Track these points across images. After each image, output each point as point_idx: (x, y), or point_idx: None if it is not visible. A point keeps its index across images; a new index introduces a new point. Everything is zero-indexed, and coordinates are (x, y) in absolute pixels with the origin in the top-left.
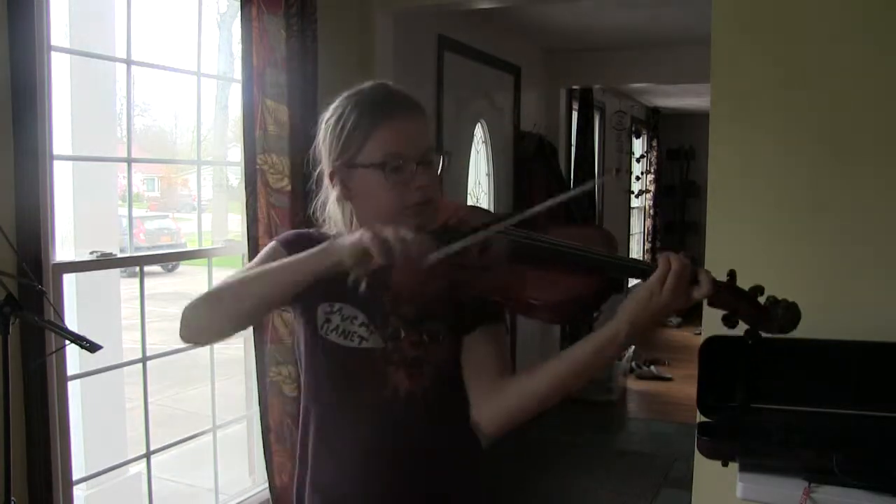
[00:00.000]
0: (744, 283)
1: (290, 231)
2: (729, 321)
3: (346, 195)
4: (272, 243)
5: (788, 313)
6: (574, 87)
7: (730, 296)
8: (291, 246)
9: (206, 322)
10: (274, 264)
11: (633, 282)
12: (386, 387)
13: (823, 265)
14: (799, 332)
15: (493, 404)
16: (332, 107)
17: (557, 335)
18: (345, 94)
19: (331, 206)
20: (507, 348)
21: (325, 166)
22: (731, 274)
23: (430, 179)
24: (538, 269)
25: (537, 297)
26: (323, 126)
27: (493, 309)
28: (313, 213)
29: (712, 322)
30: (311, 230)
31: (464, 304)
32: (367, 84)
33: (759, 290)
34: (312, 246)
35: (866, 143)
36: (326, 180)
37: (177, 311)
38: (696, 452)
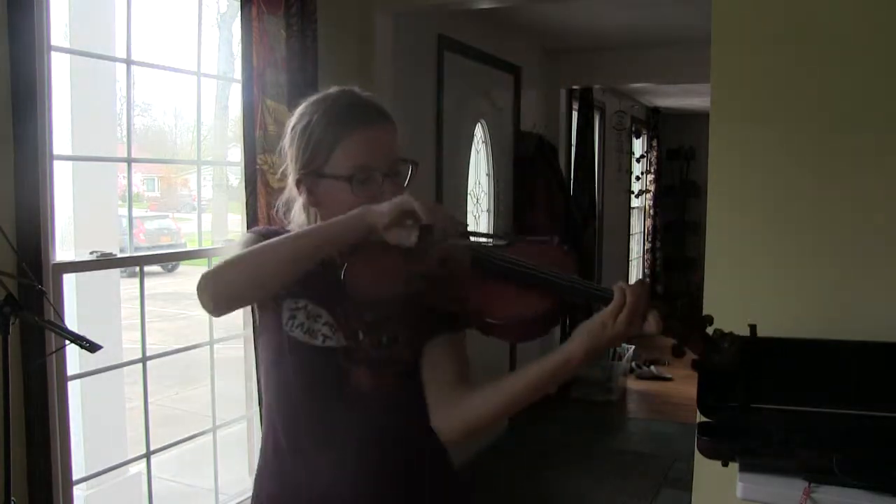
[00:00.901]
0: (744, 282)
1: (261, 227)
2: (677, 351)
3: (312, 202)
4: (248, 234)
5: (733, 347)
6: (574, 87)
7: (681, 327)
8: (268, 238)
9: (223, 286)
10: (300, 231)
11: None
12: (348, 385)
13: (823, 265)
14: (799, 332)
15: (452, 413)
16: (298, 112)
17: (557, 337)
18: (311, 99)
19: (296, 210)
20: (466, 355)
21: (290, 170)
22: (686, 302)
23: (397, 191)
24: (497, 285)
25: (494, 315)
26: (290, 131)
27: (454, 316)
28: (276, 211)
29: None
30: (278, 229)
31: (425, 310)
32: (335, 90)
33: (708, 319)
34: None
35: (867, 142)
36: (291, 184)
37: (177, 311)
38: (696, 452)
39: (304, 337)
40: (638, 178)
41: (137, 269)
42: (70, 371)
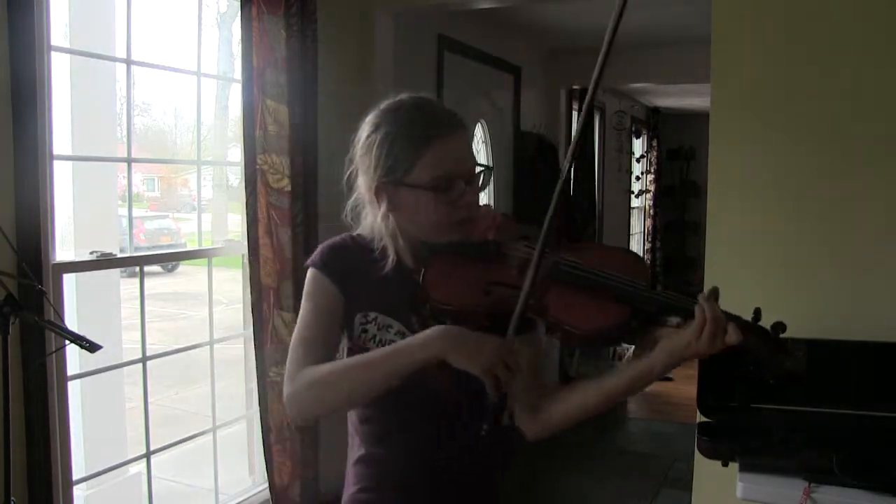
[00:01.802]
0: (744, 283)
1: (323, 247)
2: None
3: (392, 209)
4: (313, 273)
5: (803, 354)
6: (574, 87)
7: (757, 339)
8: (330, 269)
9: (308, 411)
10: (375, 358)
11: None
12: (426, 391)
13: (823, 265)
14: (799, 332)
15: (533, 416)
16: (370, 121)
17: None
18: (384, 107)
19: (371, 216)
20: (544, 355)
21: (362, 177)
22: (757, 312)
23: (475, 196)
24: (576, 295)
25: (573, 325)
26: (365, 140)
27: (532, 320)
28: (345, 216)
29: None
30: (344, 238)
31: (502, 315)
32: (407, 97)
33: (781, 327)
34: (350, 258)
35: (867, 142)
36: (365, 190)
37: (177, 311)
38: (696, 452)
39: (376, 349)
40: (638, 178)
41: (137, 269)
42: (70, 371)
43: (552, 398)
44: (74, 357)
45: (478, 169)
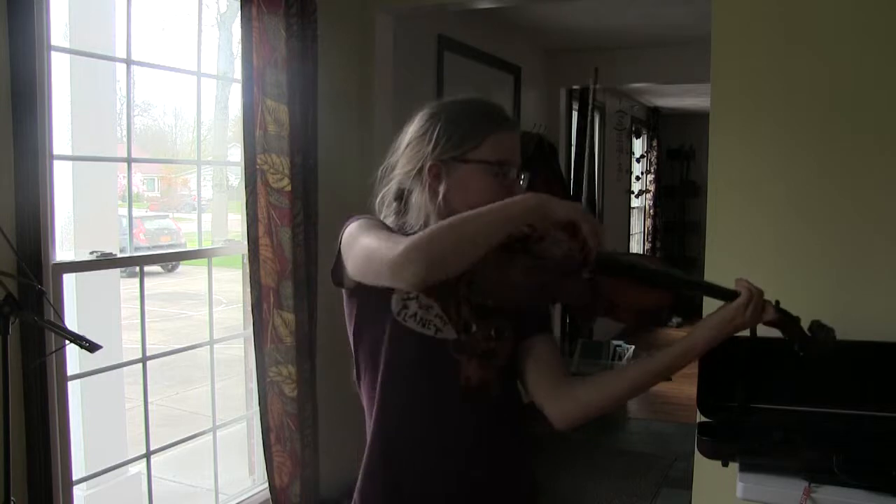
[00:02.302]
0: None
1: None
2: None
3: (438, 188)
4: (365, 218)
5: (828, 336)
6: (574, 87)
7: (786, 320)
8: (378, 223)
9: (438, 256)
10: (481, 212)
11: None
12: (459, 377)
13: (823, 265)
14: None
15: (567, 402)
16: (426, 112)
17: (557, 336)
18: (446, 100)
19: (419, 199)
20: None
21: (414, 162)
22: (777, 302)
23: (520, 191)
24: (632, 283)
25: (628, 305)
26: (423, 124)
27: (549, 316)
28: (378, 208)
29: None
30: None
31: (529, 309)
32: (470, 95)
33: (797, 319)
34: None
35: (867, 142)
36: (406, 176)
37: (177, 311)
38: (696, 452)
39: (418, 327)
40: (638, 178)
41: (137, 269)
42: (70, 371)
43: (590, 380)
44: (74, 357)
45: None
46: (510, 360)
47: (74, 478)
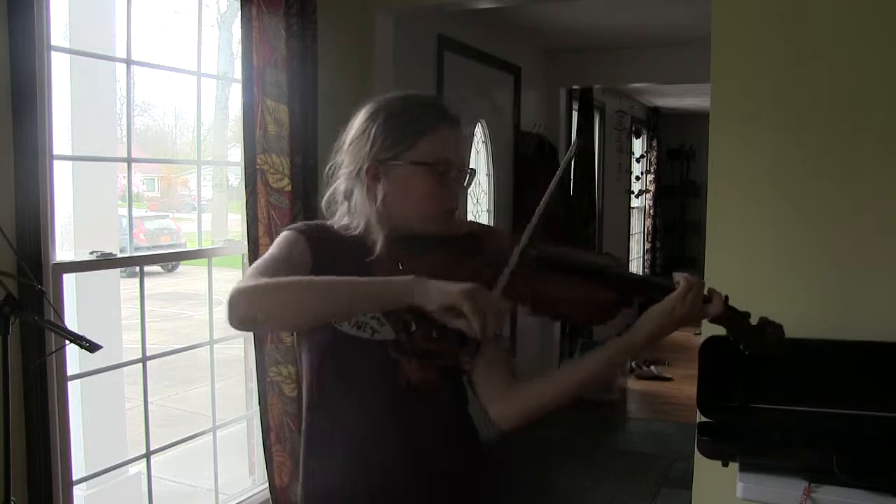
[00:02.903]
0: (744, 283)
1: (303, 220)
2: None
3: (381, 190)
4: (288, 233)
5: (776, 333)
6: (574, 87)
7: (733, 314)
8: (310, 236)
9: (255, 312)
10: (342, 284)
11: None
12: (398, 378)
13: (823, 265)
14: (799, 332)
15: (512, 403)
16: (368, 108)
17: (557, 336)
18: (387, 96)
19: (359, 201)
20: (510, 352)
21: (355, 162)
22: (726, 298)
23: (462, 190)
24: (558, 278)
25: (557, 303)
26: (363, 122)
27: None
28: (323, 206)
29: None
30: (322, 222)
31: None
32: (411, 91)
33: (746, 315)
34: (330, 239)
35: (867, 142)
36: (348, 176)
37: (177, 311)
38: (696, 452)
39: (353, 330)
40: (638, 178)
41: (137, 269)
42: (70, 371)
43: (531, 381)
44: (74, 357)
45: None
46: (455, 361)
47: (74, 478)
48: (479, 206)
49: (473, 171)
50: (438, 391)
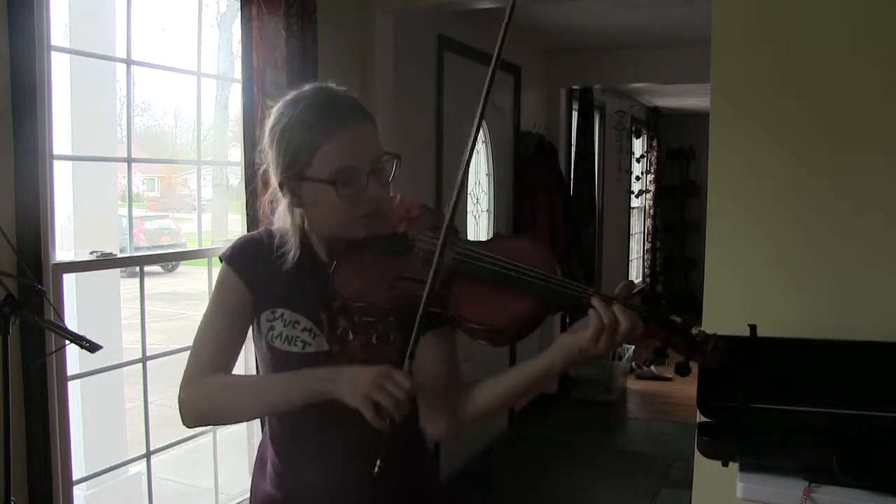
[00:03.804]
0: (744, 282)
1: (236, 241)
2: (659, 354)
3: (297, 203)
4: (223, 267)
5: (716, 351)
6: (574, 87)
7: (662, 332)
8: (238, 264)
9: (196, 415)
10: (268, 387)
11: None
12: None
13: (823, 265)
14: (799, 332)
15: (436, 416)
16: (275, 112)
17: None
18: (287, 98)
19: (281, 211)
20: (455, 356)
21: (272, 171)
22: (665, 304)
23: (381, 189)
24: (479, 288)
25: (480, 320)
26: (269, 132)
27: (439, 317)
28: (262, 209)
29: (712, 322)
30: (260, 233)
31: (413, 310)
32: (309, 87)
33: (688, 319)
34: (261, 254)
35: (867, 142)
36: (274, 184)
37: (177, 311)
38: (696, 452)
39: (284, 345)
40: (638, 178)
41: (137, 269)
42: (70, 371)
43: (458, 394)
44: (74, 357)
45: (384, 159)
46: (400, 365)
47: (74, 478)
48: (479, 206)
49: (397, 158)
50: None
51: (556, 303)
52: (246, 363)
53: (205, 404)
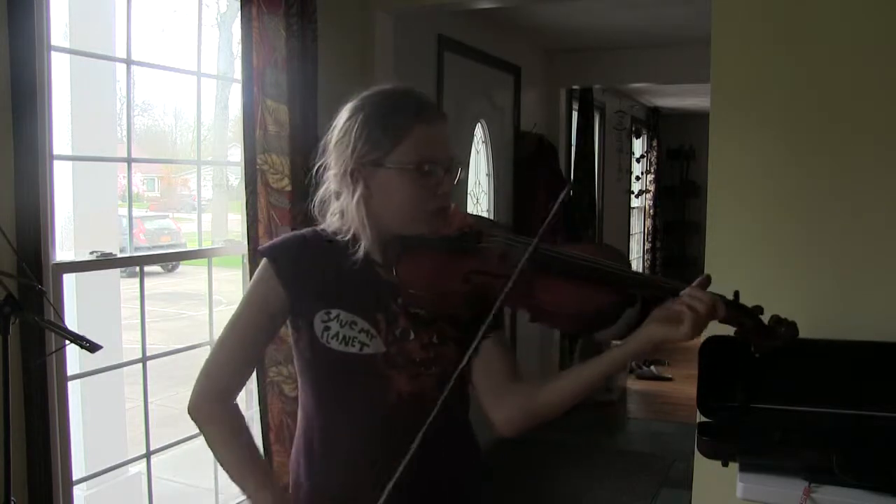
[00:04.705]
0: (744, 282)
1: (281, 238)
2: (742, 336)
3: (367, 194)
4: (263, 264)
5: (790, 331)
6: (574, 87)
7: (739, 315)
8: (281, 264)
9: (205, 438)
10: (234, 471)
11: None
12: (389, 392)
13: (824, 265)
14: (799, 332)
15: (513, 408)
16: (350, 107)
17: (557, 338)
18: (367, 92)
19: (346, 204)
20: (514, 351)
21: (339, 164)
22: (736, 294)
23: (451, 188)
24: (559, 280)
25: (557, 309)
26: (344, 123)
27: (500, 314)
28: (312, 209)
29: (712, 323)
30: (305, 232)
31: (477, 307)
32: (392, 86)
33: (759, 309)
34: (307, 255)
35: (867, 142)
36: (335, 178)
37: (177, 311)
38: (696, 452)
39: (341, 346)
40: (638, 178)
41: (137, 269)
42: (70, 371)
43: (535, 386)
44: (74, 357)
45: (456, 160)
46: (457, 365)
47: (74, 478)
48: (479, 206)
49: (462, 166)
50: (433, 402)
51: (632, 293)
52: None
53: (204, 435)
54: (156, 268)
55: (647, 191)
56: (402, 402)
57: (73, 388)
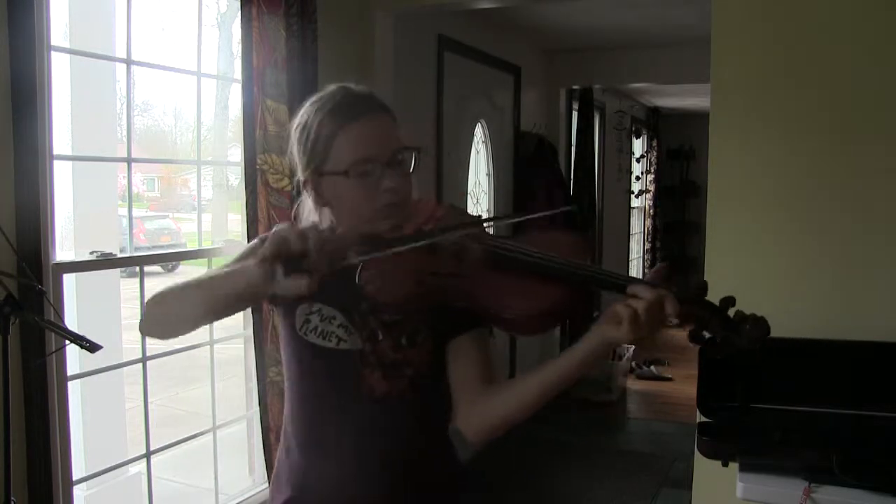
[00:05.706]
0: (744, 282)
1: (265, 234)
2: (695, 336)
3: (321, 202)
4: (254, 243)
5: (756, 329)
6: (574, 87)
7: (699, 310)
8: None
9: (160, 320)
10: (213, 275)
11: None
12: (362, 389)
13: (824, 266)
14: (799, 332)
15: (477, 414)
16: (298, 114)
17: (557, 336)
18: (310, 99)
19: (306, 212)
20: (491, 353)
21: (298, 174)
22: (703, 286)
23: (400, 181)
24: (512, 279)
25: (511, 309)
26: (292, 134)
27: (473, 314)
28: (295, 217)
29: None
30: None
31: (446, 309)
32: (330, 88)
33: (730, 301)
34: None
35: (867, 142)
36: (302, 187)
37: None
38: (696, 452)
39: (319, 340)
40: (638, 178)
41: (137, 269)
42: (70, 371)
43: (496, 391)
44: (74, 357)
45: (403, 151)
46: (430, 367)
47: (74, 478)
48: (479, 206)
49: (416, 151)
50: (404, 403)
51: (585, 290)
52: (246, 363)
53: (159, 301)
54: (156, 268)
55: (647, 191)
56: (376, 401)
57: (73, 388)
